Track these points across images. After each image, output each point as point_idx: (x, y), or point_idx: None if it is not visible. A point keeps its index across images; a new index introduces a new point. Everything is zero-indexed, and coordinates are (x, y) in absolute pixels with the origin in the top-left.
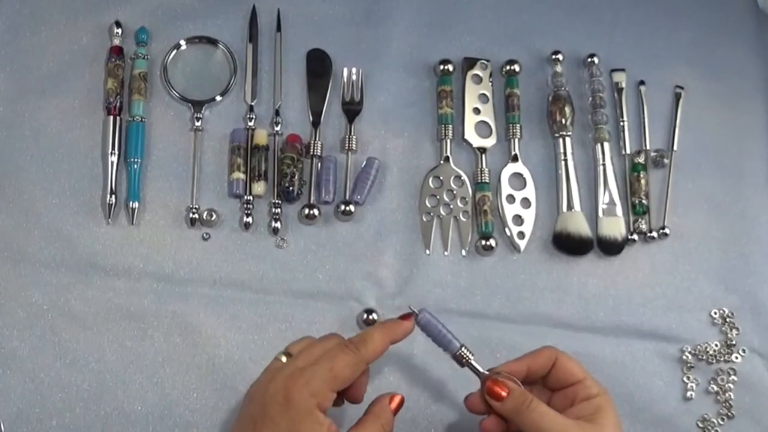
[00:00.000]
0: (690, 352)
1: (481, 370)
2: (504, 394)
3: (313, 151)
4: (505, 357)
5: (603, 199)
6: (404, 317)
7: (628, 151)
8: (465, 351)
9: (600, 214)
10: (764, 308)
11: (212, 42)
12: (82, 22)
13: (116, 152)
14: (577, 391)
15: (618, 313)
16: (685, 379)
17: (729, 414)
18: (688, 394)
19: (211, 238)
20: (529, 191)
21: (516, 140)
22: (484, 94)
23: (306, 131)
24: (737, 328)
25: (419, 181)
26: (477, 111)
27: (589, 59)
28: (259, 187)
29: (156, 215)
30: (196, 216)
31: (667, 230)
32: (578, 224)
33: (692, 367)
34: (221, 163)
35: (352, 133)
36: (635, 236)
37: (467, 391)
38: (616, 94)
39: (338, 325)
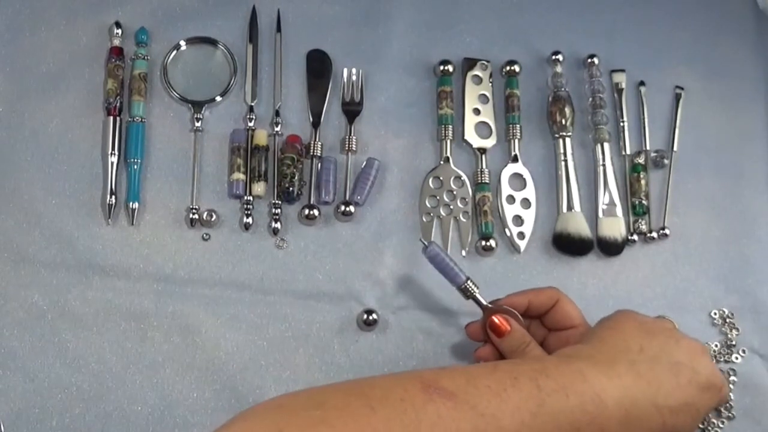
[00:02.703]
0: None
1: (484, 303)
2: (507, 329)
3: (313, 152)
4: None
5: (603, 200)
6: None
7: (628, 152)
8: (470, 284)
9: (600, 214)
10: (764, 308)
11: (212, 42)
12: (82, 22)
13: (116, 153)
14: (571, 335)
15: None
16: None
17: (729, 414)
18: None
19: (211, 239)
20: (529, 192)
21: (516, 141)
22: (484, 95)
23: (306, 132)
24: (737, 329)
25: (419, 182)
26: (477, 111)
27: (589, 60)
28: (259, 188)
29: (156, 216)
30: (196, 216)
31: (667, 231)
32: (578, 225)
33: None
34: (221, 163)
35: (352, 134)
36: (635, 237)
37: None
38: (616, 95)
39: (338, 325)
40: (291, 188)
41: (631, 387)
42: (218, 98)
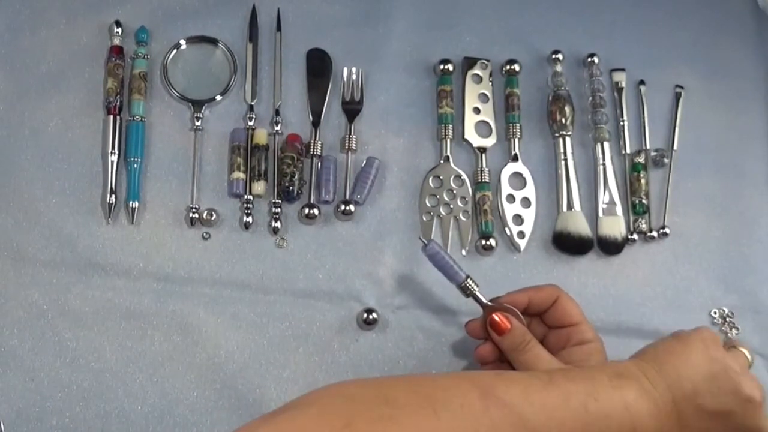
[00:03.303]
0: None
1: (484, 301)
2: (507, 326)
3: (313, 151)
4: None
5: (603, 199)
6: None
7: (628, 151)
8: (470, 282)
9: (600, 213)
10: (764, 308)
11: (212, 42)
12: (82, 22)
13: (116, 152)
14: (571, 333)
15: (618, 313)
16: None
17: None
18: None
19: (211, 238)
20: (529, 191)
21: (516, 140)
22: (484, 94)
23: (306, 131)
24: (737, 328)
25: (419, 181)
26: (477, 111)
27: (589, 59)
28: (259, 187)
29: (156, 215)
30: (196, 216)
31: (667, 230)
32: (578, 224)
33: None
34: (221, 162)
35: (352, 133)
36: (635, 236)
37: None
38: (616, 94)
39: (338, 325)
40: (291, 187)
41: (667, 424)
42: (218, 97)
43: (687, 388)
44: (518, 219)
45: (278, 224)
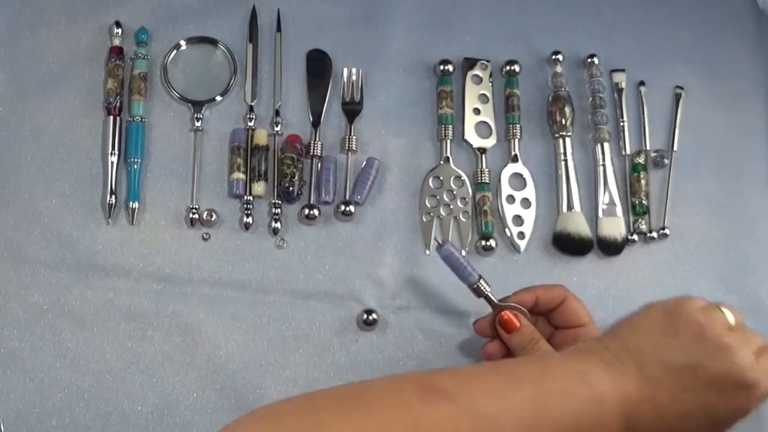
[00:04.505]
0: None
1: (496, 301)
2: (517, 325)
3: (313, 152)
4: None
5: (603, 200)
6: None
7: (628, 152)
8: (483, 283)
9: (600, 214)
10: (764, 308)
11: (212, 42)
12: (82, 22)
13: (116, 152)
14: (578, 334)
15: (618, 313)
16: None
17: None
18: None
19: (211, 238)
20: (529, 191)
21: (516, 140)
22: (484, 95)
23: (306, 131)
24: None
25: (419, 182)
26: (477, 111)
27: (589, 59)
28: (259, 187)
29: (156, 215)
30: (196, 216)
31: (667, 230)
32: (578, 224)
33: None
34: (221, 163)
35: (352, 134)
36: (635, 236)
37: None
38: (616, 95)
39: (338, 325)
40: (291, 188)
41: (635, 391)
42: (218, 98)
43: (648, 348)
44: (518, 220)
45: (278, 225)
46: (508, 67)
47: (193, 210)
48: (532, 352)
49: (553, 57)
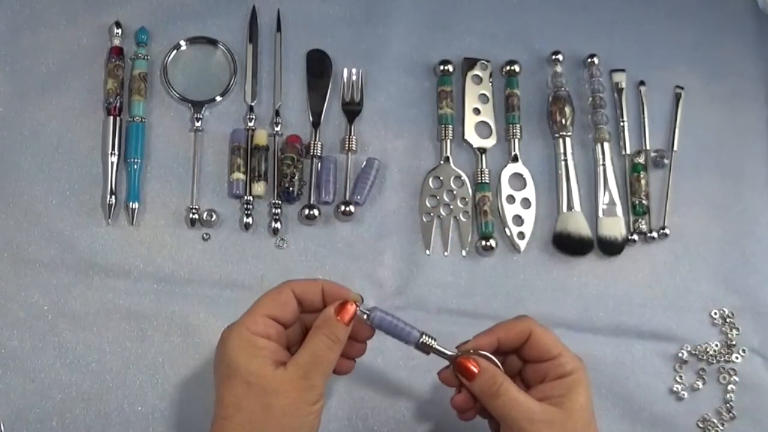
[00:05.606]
0: (690, 352)
1: (448, 353)
2: (475, 371)
3: (313, 152)
4: None
5: (603, 200)
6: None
7: (628, 152)
8: (426, 338)
9: (600, 214)
10: (764, 308)
11: (212, 42)
12: (82, 22)
13: (116, 152)
14: (549, 368)
15: (618, 314)
16: (685, 379)
17: (729, 414)
18: (688, 394)
19: (211, 239)
20: (529, 191)
21: (516, 140)
22: (484, 95)
23: (306, 131)
24: (737, 328)
25: (419, 182)
26: (477, 111)
27: (589, 59)
28: (259, 188)
29: (156, 215)
30: (196, 216)
31: (667, 230)
32: (578, 224)
33: (692, 367)
34: (221, 163)
35: (352, 134)
36: (635, 236)
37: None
38: (616, 95)
39: None
40: (291, 188)
41: None
42: (218, 98)
43: None
44: (518, 220)
45: (278, 225)
46: (508, 67)
47: (193, 210)
48: (497, 398)
49: (553, 57)
